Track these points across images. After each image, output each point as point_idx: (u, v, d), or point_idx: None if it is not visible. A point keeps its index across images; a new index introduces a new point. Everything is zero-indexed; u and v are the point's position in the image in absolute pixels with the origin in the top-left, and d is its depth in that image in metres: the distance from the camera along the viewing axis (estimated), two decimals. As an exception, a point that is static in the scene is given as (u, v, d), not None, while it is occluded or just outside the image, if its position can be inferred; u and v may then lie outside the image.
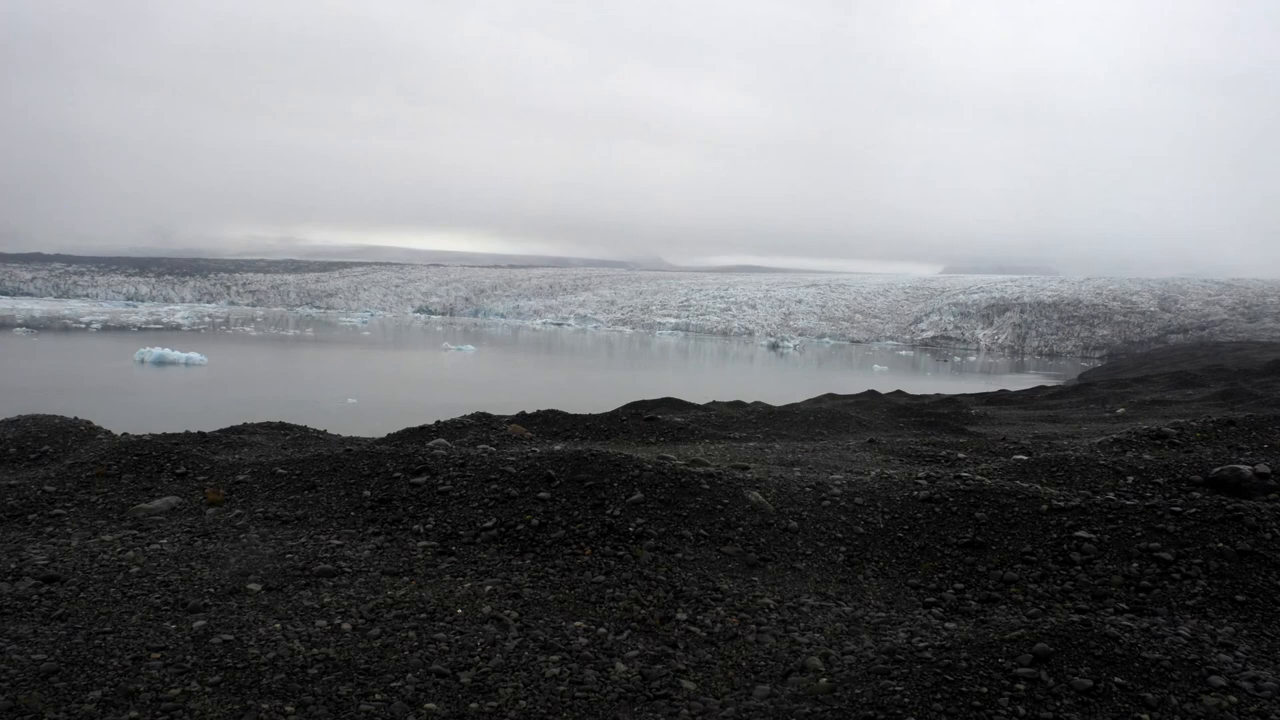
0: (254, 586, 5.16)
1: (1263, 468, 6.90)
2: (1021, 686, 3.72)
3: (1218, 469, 7.09)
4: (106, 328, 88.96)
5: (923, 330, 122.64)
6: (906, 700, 3.68)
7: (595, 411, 14.54)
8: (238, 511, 6.64)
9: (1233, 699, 3.67)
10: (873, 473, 7.87)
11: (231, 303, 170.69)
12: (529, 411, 13.31)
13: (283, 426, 11.19)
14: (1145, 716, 3.55)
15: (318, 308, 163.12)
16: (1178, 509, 5.71)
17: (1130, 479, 7.34)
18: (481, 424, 11.61)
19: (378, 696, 3.95)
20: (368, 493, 6.75)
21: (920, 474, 7.20)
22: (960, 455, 10.52)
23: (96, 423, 9.88)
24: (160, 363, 49.93)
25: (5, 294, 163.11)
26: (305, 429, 11.21)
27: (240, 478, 7.29)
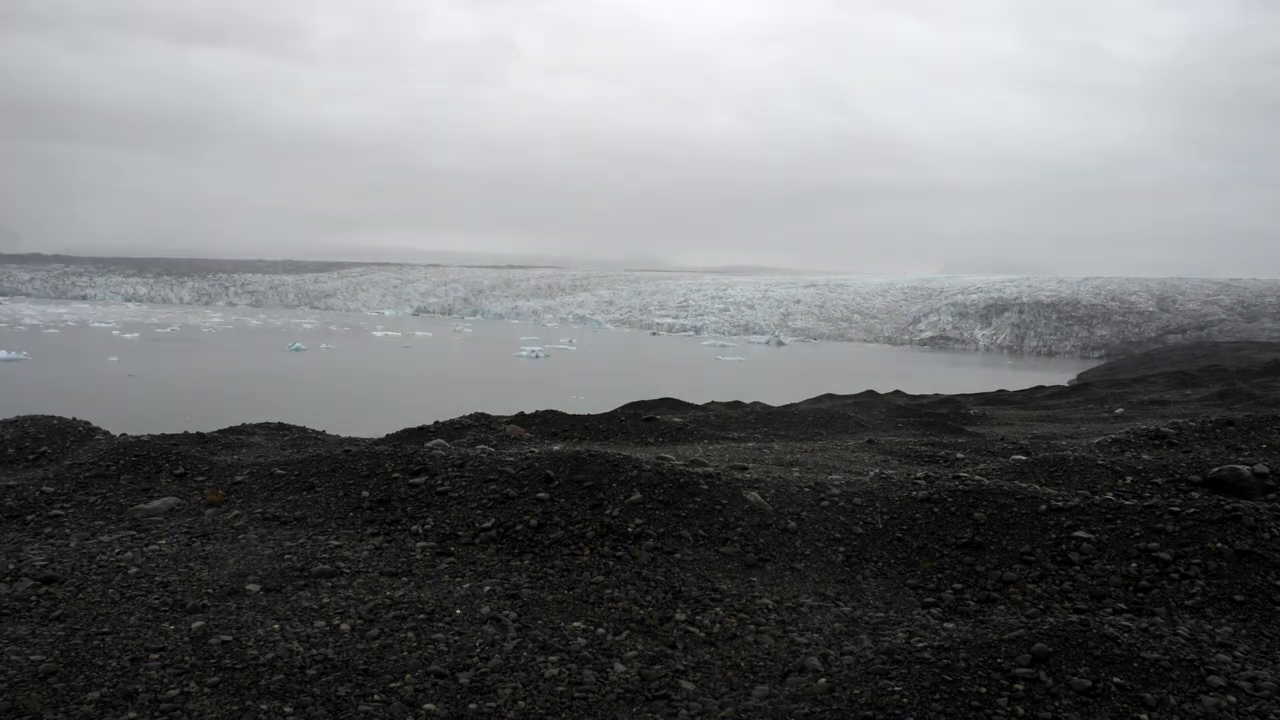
0: (252, 587, 5.15)
1: (1261, 468, 6.91)
2: (1020, 687, 3.72)
3: (1216, 469, 7.09)
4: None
5: (921, 330, 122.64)
6: (905, 700, 3.68)
7: (593, 412, 14.54)
8: (236, 512, 6.63)
9: (1231, 699, 3.67)
10: (871, 473, 7.87)
11: (230, 303, 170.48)
12: (527, 412, 13.30)
13: (281, 427, 11.19)
14: (1144, 716, 3.55)
15: (316, 308, 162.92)
16: (1176, 509, 5.71)
17: (1129, 479, 7.34)
18: (480, 424, 11.60)
19: (376, 697, 3.95)
20: (366, 493, 6.74)
21: (919, 474, 7.20)
22: (959, 455, 10.51)
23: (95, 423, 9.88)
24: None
25: (3, 294, 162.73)
26: (304, 429, 11.20)
27: (239, 478, 7.29)
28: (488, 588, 5.17)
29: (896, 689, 3.78)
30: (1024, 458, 8.84)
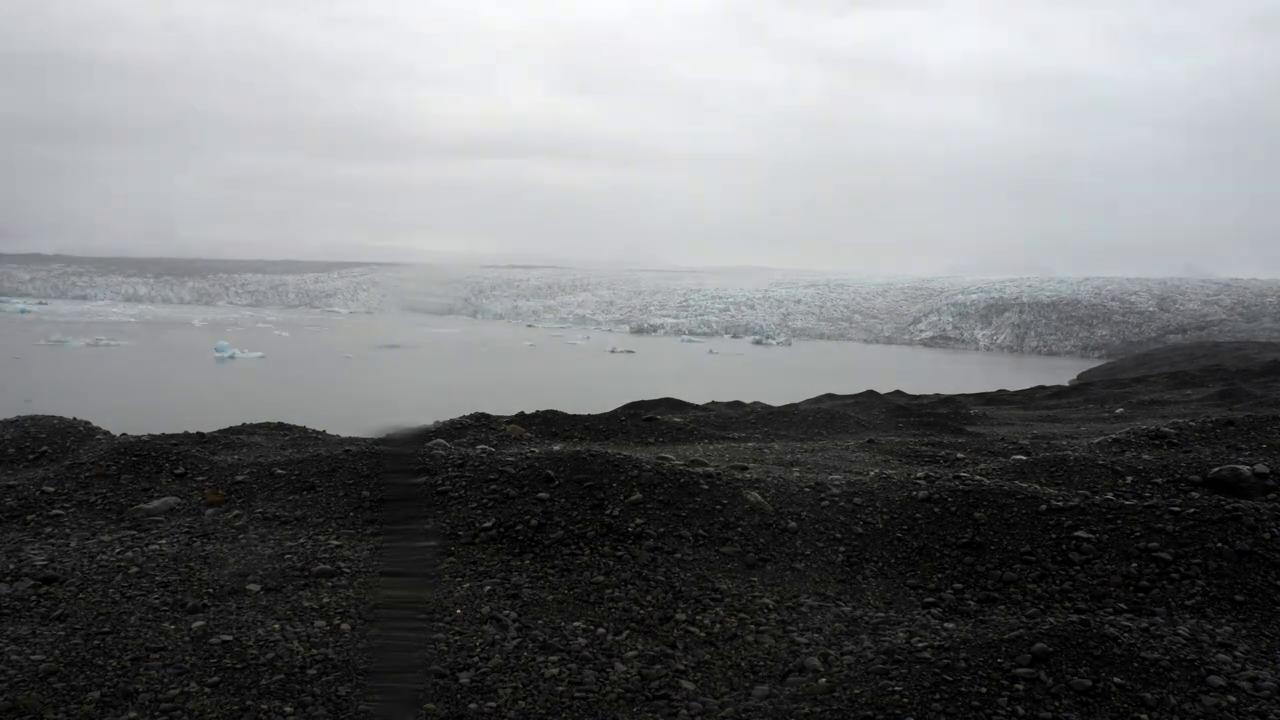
0: (253, 587, 5.16)
1: (1261, 468, 6.91)
2: (1020, 686, 3.72)
3: (1216, 469, 7.09)
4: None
5: (921, 330, 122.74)
6: (905, 700, 3.69)
7: (594, 412, 14.54)
8: (236, 512, 6.64)
9: (1231, 699, 3.68)
10: (872, 473, 7.86)
11: (230, 303, 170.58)
12: (528, 412, 13.30)
13: (281, 427, 11.18)
14: (1144, 716, 3.56)
15: (316, 308, 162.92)
16: (1176, 509, 5.71)
17: (1129, 479, 7.34)
18: (480, 424, 11.59)
19: (377, 697, 3.96)
20: (366, 493, 6.75)
21: (919, 474, 7.20)
22: (959, 455, 10.50)
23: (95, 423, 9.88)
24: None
25: (4, 294, 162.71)
26: (304, 429, 11.20)
27: (239, 478, 7.29)
28: (488, 587, 5.18)
29: (897, 689, 3.78)
30: (1024, 458, 8.84)
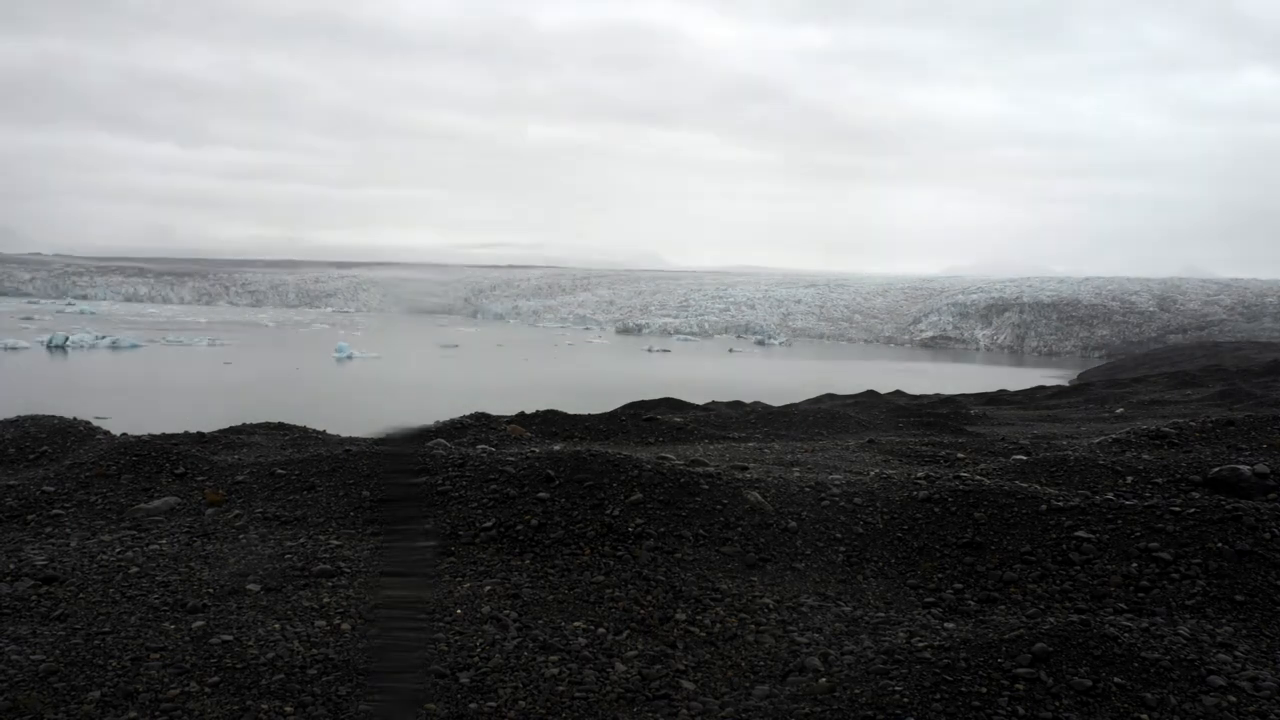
0: (253, 587, 5.16)
1: (1262, 468, 6.91)
2: (1021, 686, 3.72)
3: (1217, 469, 7.10)
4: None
5: (922, 330, 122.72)
6: (906, 700, 3.69)
7: (594, 411, 14.54)
8: (237, 512, 6.64)
9: (1232, 699, 3.68)
10: (872, 473, 7.86)
11: (231, 303, 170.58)
12: (528, 412, 13.30)
13: (281, 427, 11.19)
14: (1144, 716, 3.56)
15: (315, 308, 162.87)
16: (1177, 509, 5.71)
17: (1129, 479, 7.34)
18: (480, 424, 11.59)
19: (377, 697, 3.96)
20: (367, 493, 6.75)
21: (919, 474, 7.20)
22: (959, 455, 10.50)
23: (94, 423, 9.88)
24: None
25: (4, 294, 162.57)
26: (305, 429, 11.20)
27: (239, 478, 7.29)
28: (488, 587, 5.18)
29: (897, 689, 3.78)
30: (1025, 458, 8.84)
